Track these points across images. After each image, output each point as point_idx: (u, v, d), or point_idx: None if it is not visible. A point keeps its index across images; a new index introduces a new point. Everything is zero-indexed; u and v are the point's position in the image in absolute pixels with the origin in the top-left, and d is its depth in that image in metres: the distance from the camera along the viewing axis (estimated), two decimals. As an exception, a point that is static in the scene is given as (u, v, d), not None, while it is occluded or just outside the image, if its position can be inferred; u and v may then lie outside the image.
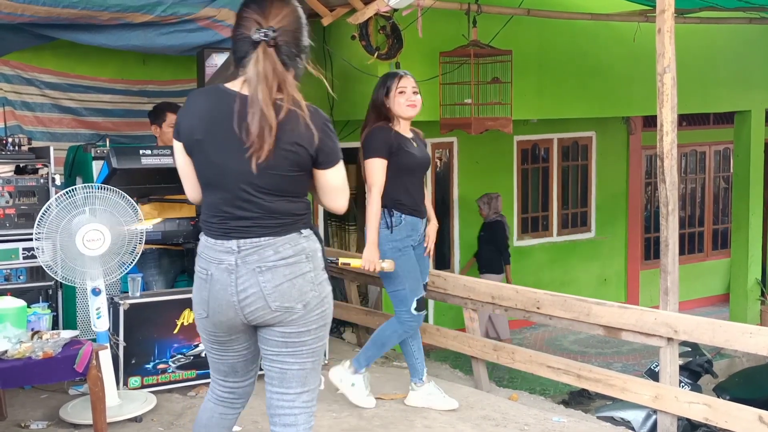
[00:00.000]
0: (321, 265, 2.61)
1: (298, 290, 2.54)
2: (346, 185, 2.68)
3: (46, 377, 3.78)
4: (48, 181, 4.84)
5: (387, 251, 4.30)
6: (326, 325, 2.63)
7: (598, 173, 10.43)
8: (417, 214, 4.38)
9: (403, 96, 4.34)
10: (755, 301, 9.99)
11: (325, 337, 2.65)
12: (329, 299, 2.63)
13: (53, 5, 5.08)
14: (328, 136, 2.57)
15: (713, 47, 9.03)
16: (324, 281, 2.62)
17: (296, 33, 2.57)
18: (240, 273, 2.52)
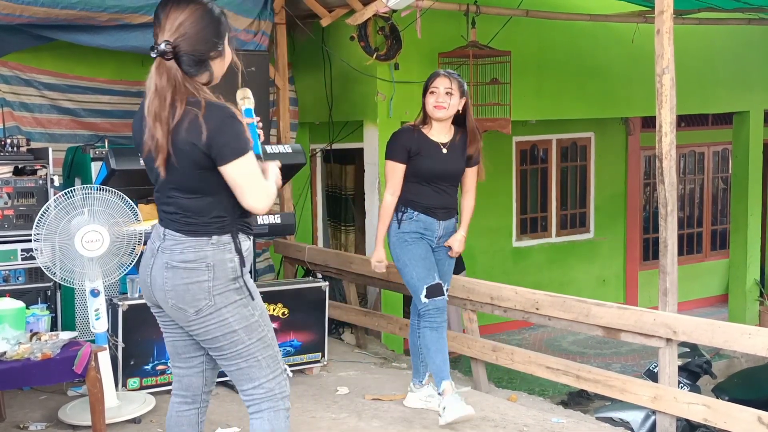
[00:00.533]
0: (228, 276, 2.63)
1: (192, 296, 2.62)
2: (253, 183, 2.57)
3: (45, 378, 3.78)
4: (47, 182, 4.84)
5: (394, 243, 4.29)
6: (233, 332, 2.66)
7: (597, 174, 10.43)
8: (432, 215, 4.28)
9: (432, 96, 4.23)
10: (754, 301, 9.99)
11: (248, 344, 2.68)
12: (231, 311, 2.64)
13: (52, 6, 5.08)
14: (222, 131, 2.52)
15: (712, 48, 9.04)
16: (227, 292, 2.63)
17: (199, 36, 2.58)
18: (156, 260, 2.67)
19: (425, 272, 4.23)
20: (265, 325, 2.72)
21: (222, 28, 2.64)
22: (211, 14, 2.60)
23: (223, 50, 2.66)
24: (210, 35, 2.59)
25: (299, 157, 5.39)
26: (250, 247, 2.77)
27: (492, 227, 9.41)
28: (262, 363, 2.72)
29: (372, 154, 6.80)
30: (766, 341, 3.80)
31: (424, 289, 4.21)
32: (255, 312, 2.69)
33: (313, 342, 5.11)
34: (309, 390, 4.85)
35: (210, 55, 2.61)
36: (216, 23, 2.61)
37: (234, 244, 2.65)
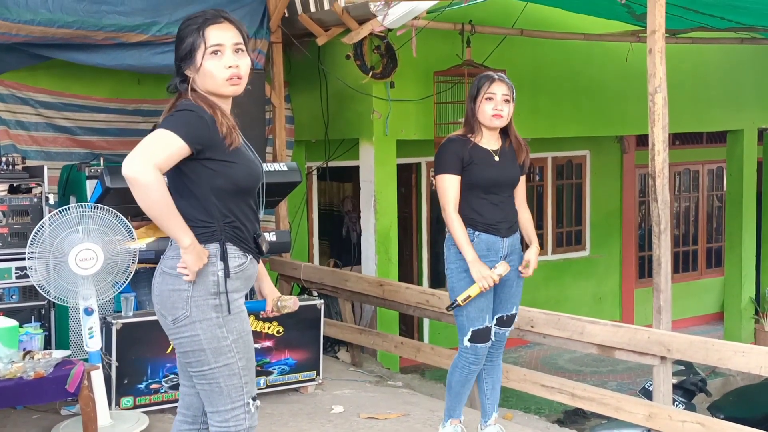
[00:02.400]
0: (208, 290, 2.57)
1: (172, 303, 2.60)
2: (140, 144, 2.54)
3: (38, 397, 3.77)
4: (41, 201, 4.84)
5: (453, 270, 3.88)
6: (201, 351, 2.58)
7: (592, 192, 10.45)
8: (495, 232, 3.89)
9: (490, 103, 3.86)
10: (749, 319, 9.99)
11: (212, 367, 2.59)
12: (203, 327, 2.57)
13: (48, 25, 5.11)
14: (164, 120, 2.56)
15: (705, 67, 9.09)
16: (204, 307, 2.56)
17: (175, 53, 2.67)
18: (157, 269, 2.69)
19: (477, 313, 3.86)
20: (237, 352, 2.60)
21: (180, 46, 2.65)
22: (181, 29, 2.66)
23: (183, 62, 2.65)
24: (179, 47, 2.67)
25: (295, 175, 5.41)
26: (246, 265, 2.64)
27: (487, 245, 9.40)
28: (223, 391, 2.62)
29: (368, 172, 6.82)
30: (760, 360, 3.80)
31: (470, 332, 3.87)
32: (229, 336, 2.59)
33: (308, 360, 5.10)
34: (304, 408, 4.83)
35: (179, 66, 2.67)
36: (180, 37, 2.66)
37: (220, 255, 2.57)
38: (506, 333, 4.09)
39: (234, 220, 2.61)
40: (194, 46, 2.60)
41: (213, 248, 2.58)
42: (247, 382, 2.64)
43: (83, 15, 5.24)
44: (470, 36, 6.84)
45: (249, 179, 2.65)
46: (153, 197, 2.46)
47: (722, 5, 6.34)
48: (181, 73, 2.66)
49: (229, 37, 2.60)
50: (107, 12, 5.34)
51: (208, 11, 2.66)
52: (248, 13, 6.08)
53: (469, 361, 3.92)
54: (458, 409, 4.08)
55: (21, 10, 4.97)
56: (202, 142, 2.54)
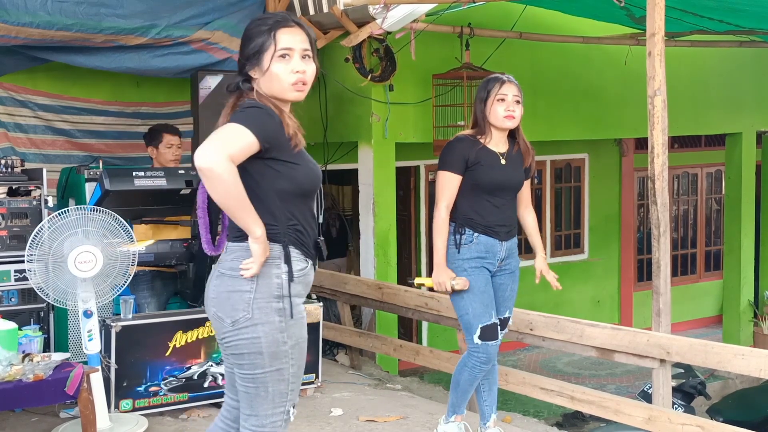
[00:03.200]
0: (272, 293, 2.52)
1: (231, 305, 2.54)
2: (213, 134, 2.48)
3: (37, 400, 3.77)
4: (40, 203, 4.83)
5: (454, 270, 3.88)
6: (258, 354, 2.52)
7: (590, 195, 10.46)
8: (494, 234, 3.89)
9: (502, 104, 3.91)
10: (748, 322, 9.99)
11: (265, 371, 2.53)
12: (265, 330, 2.52)
13: (47, 28, 5.12)
14: (234, 116, 2.52)
15: (704, 70, 9.10)
16: (267, 310, 2.52)
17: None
18: (212, 272, 2.66)
19: (482, 309, 3.87)
20: (292, 358, 2.56)
21: (248, 45, 2.60)
22: (244, 35, 2.64)
23: (260, 67, 2.58)
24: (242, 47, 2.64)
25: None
26: (306, 270, 2.61)
27: (486, 248, 9.41)
28: (268, 395, 2.56)
29: (367, 175, 6.82)
30: (760, 362, 3.80)
31: (478, 329, 3.86)
32: (288, 341, 2.55)
33: (307, 363, 5.04)
34: (303, 411, 4.82)
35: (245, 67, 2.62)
36: (243, 38, 2.64)
37: (284, 258, 2.53)
38: (501, 336, 4.08)
39: (296, 223, 2.58)
40: (263, 47, 2.57)
41: (276, 250, 2.53)
42: (293, 390, 2.61)
43: (82, 17, 5.24)
44: (469, 39, 6.84)
45: (310, 182, 2.62)
46: (227, 188, 2.40)
47: (721, 8, 6.35)
48: (244, 73, 2.62)
49: (298, 41, 2.59)
50: (106, 15, 5.34)
51: (278, 14, 2.67)
52: (247, 15, 6.08)
53: (480, 360, 3.90)
54: (462, 406, 4.08)
55: (20, 13, 4.97)
56: (271, 141, 2.49)
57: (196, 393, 4.65)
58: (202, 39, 5.80)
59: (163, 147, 5.23)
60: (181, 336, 4.59)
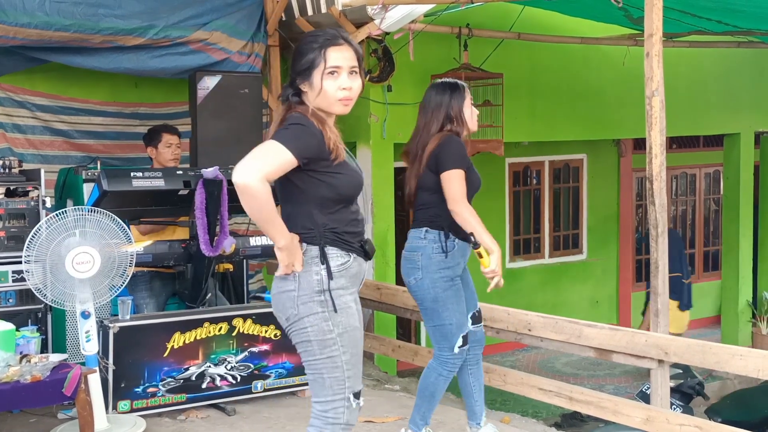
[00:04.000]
0: (313, 288, 2.73)
1: (282, 304, 2.79)
2: (253, 152, 2.67)
3: (35, 401, 3.76)
4: (38, 204, 4.83)
5: (437, 280, 3.85)
6: (308, 342, 2.76)
7: (589, 195, 10.46)
8: (467, 239, 3.88)
9: (470, 109, 3.97)
10: (746, 322, 10.00)
11: (317, 358, 2.76)
12: (311, 321, 2.74)
13: (45, 28, 5.11)
14: (276, 133, 2.74)
15: (702, 71, 9.11)
16: (311, 303, 2.74)
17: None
18: None
19: (463, 318, 3.92)
20: (342, 346, 2.75)
21: (300, 60, 2.76)
22: (297, 48, 2.80)
23: (309, 82, 2.75)
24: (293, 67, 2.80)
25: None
26: (348, 263, 2.79)
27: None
28: (326, 382, 2.78)
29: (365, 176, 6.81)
30: (758, 363, 3.80)
31: (460, 339, 3.90)
32: (334, 329, 2.74)
33: (306, 364, 5.08)
34: (301, 412, 4.82)
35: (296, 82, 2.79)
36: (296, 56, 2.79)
37: (321, 258, 2.74)
38: (482, 330, 4.17)
39: (336, 227, 2.77)
40: (314, 64, 2.74)
41: (314, 251, 2.75)
42: (350, 377, 2.79)
43: (80, 18, 5.23)
44: (467, 39, 6.85)
45: (352, 188, 2.81)
46: (259, 205, 2.61)
47: (719, 9, 6.35)
48: (295, 86, 2.80)
49: (347, 59, 2.76)
50: (104, 15, 5.34)
51: (328, 31, 2.80)
52: (245, 16, 6.09)
53: (456, 366, 3.97)
54: (431, 414, 4.11)
55: (18, 13, 4.97)
56: (310, 156, 2.69)
57: (194, 394, 4.65)
58: (200, 39, 5.79)
59: (162, 146, 5.23)
60: (180, 337, 4.58)
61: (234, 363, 4.74)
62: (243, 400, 4.80)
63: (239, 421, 4.63)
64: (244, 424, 4.57)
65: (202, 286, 4.87)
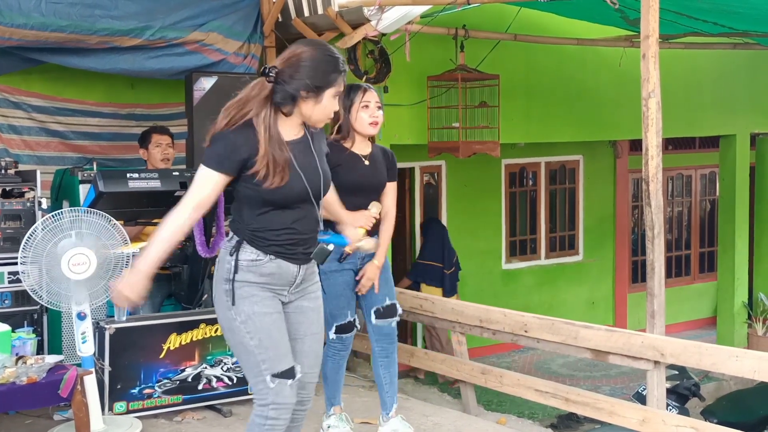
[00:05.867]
0: (222, 276, 2.91)
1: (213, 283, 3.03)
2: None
3: (31, 402, 3.76)
4: (34, 205, 4.82)
5: (323, 268, 3.87)
6: (223, 330, 2.96)
7: (585, 197, 10.47)
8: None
9: (366, 111, 4.09)
10: (742, 324, 10.01)
11: (232, 345, 2.95)
12: (219, 308, 2.93)
13: (41, 29, 5.10)
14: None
15: (698, 72, 9.12)
16: (219, 291, 2.92)
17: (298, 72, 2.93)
18: None
19: (339, 310, 4.16)
20: (248, 332, 2.87)
21: (320, 77, 2.85)
22: (316, 60, 2.87)
23: (317, 96, 2.86)
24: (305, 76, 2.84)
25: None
26: (259, 262, 2.88)
27: (481, 250, 9.42)
28: (245, 366, 2.95)
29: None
30: (754, 364, 3.81)
31: (333, 327, 4.17)
32: (237, 317, 2.88)
33: (302, 365, 5.08)
34: (297, 413, 4.81)
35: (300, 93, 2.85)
36: (311, 65, 2.86)
37: (233, 250, 2.89)
38: (391, 324, 4.26)
39: (259, 228, 2.88)
40: (332, 84, 2.96)
41: (233, 242, 2.92)
42: (265, 360, 2.87)
43: (76, 19, 5.22)
44: (464, 41, 6.85)
45: (280, 196, 2.87)
46: (165, 225, 2.85)
47: (715, 11, 6.36)
48: (297, 92, 2.89)
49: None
50: (100, 16, 5.33)
51: (340, 57, 3.01)
52: (242, 17, 6.08)
53: (337, 349, 4.23)
54: (338, 396, 4.35)
55: (14, 14, 4.96)
56: (237, 168, 2.86)
57: (190, 395, 4.64)
58: (196, 40, 5.79)
59: (152, 147, 5.25)
60: (176, 338, 4.58)
61: (230, 364, 4.74)
62: (239, 402, 4.80)
63: (235, 423, 4.62)
64: (240, 426, 4.56)
65: (198, 287, 4.86)
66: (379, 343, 4.26)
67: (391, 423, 4.33)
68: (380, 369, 4.29)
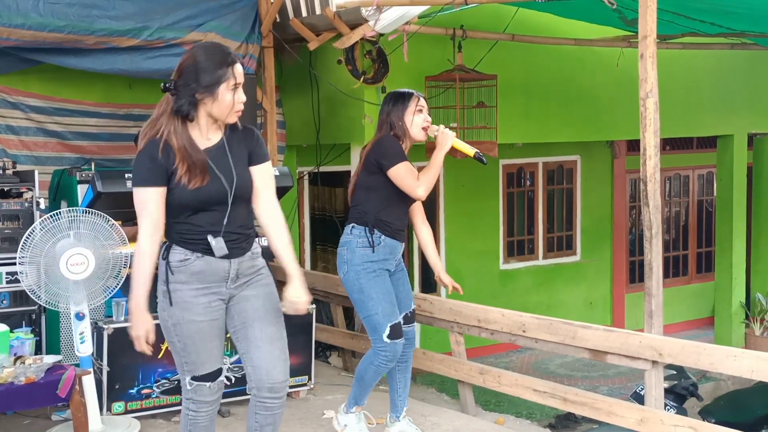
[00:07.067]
0: (161, 278, 3.05)
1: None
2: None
3: (29, 403, 3.76)
4: (32, 205, 4.83)
5: (361, 271, 4.05)
6: (161, 326, 3.09)
7: (583, 197, 10.47)
8: (398, 237, 4.13)
9: (420, 115, 4.15)
10: (740, 324, 10.02)
11: (167, 338, 3.11)
12: (159, 307, 3.08)
13: (39, 29, 5.10)
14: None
15: (696, 72, 9.12)
16: (159, 292, 3.07)
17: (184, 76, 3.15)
18: None
19: (390, 309, 4.05)
20: (177, 335, 3.05)
21: (197, 73, 2.99)
22: (199, 62, 3.00)
23: (212, 94, 2.99)
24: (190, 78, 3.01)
25: (286, 179, 5.41)
26: (188, 261, 3.01)
27: (479, 250, 9.42)
28: (176, 362, 3.16)
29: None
30: (752, 363, 3.82)
31: (387, 329, 4.03)
32: (169, 319, 3.05)
33: (300, 365, 5.09)
34: (296, 413, 4.82)
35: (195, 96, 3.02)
36: (197, 68, 3.01)
37: (166, 252, 3.04)
38: (413, 330, 4.29)
39: (182, 225, 3.01)
40: (222, 78, 3.06)
41: (164, 245, 3.05)
42: (187, 363, 3.09)
43: (74, 19, 5.23)
44: (461, 41, 6.85)
45: (192, 200, 3.00)
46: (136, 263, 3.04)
47: (713, 11, 6.37)
48: (194, 98, 3.13)
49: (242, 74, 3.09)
50: (98, 16, 5.33)
51: (224, 48, 3.10)
52: (240, 17, 6.09)
53: (387, 359, 4.08)
54: (364, 399, 4.32)
55: (12, 14, 4.96)
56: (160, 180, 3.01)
57: (188, 395, 4.64)
58: (194, 41, 5.78)
59: None
60: (174, 338, 4.57)
61: (228, 364, 4.74)
62: (237, 402, 4.80)
63: (234, 423, 4.62)
64: (238, 426, 4.57)
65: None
66: (404, 347, 4.19)
67: (399, 425, 4.33)
68: (397, 373, 4.27)
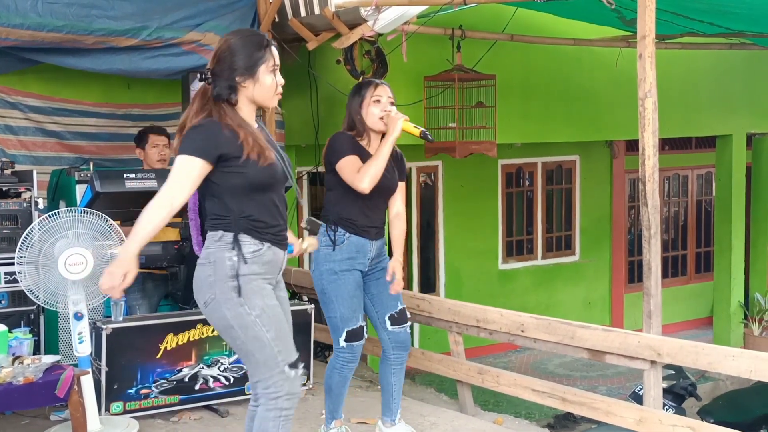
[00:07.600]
0: (226, 273, 2.87)
1: (199, 288, 2.94)
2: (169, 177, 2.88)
3: (27, 403, 3.75)
4: (31, 205, 4.82)
5: (323, 272, 3.91)
6: (231, 328, 2.89)
7: (582, 197, 10.48)
8: (366, 235, 3.93)
9: (378, 105, 3.91)
10: (738, 324, 10.03)
11: (244, 341, 2.90)
12: (228, 307, 2.87)
13: (38, 29, 5.10)
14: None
15: (695, 72, 9.13)
16: (226, 289, 2.87)
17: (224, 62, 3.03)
18: None
19: (351, 314, 3.95)
20: (264, 325, 2.88)
21: (235, 57, 2.93)
22: (236, 45, 2.95)
23: (253, 77, 2.94)
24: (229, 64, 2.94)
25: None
26: (262, 251, 2.91)
27: (478, 250, 9.43)
28: (259, 361, 2.91)
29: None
30: (751, 363, 3.82)
31: (344, 333, 3.96)
32: (252, 312, 2.87)
33: (299, 365, 5.08)
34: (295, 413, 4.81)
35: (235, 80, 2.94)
36: (233, 52, 2.94)
37: (233, 244, 2.87)
38: (406, 330, 4.20)
39: (250, 214, 2.90)
40: (261, 60, 2.99)
41: (229, 238, 2.89)
42: (281, 351, 2.92)
43: (73, 19, 5.22)
44: (460, 41, 6.85)
45: (267, 177, 2.91)
46: (151, 218, 2.85)
47: (712, 11, 6.37)
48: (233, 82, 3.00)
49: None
50: (97, 16, 5.33)
51: (259, 32, 3.09)
52: (239, 17, 6.08)
53: (346, 360, 4.03)
54: (339, 410, 4.20)
55: (10, 14, 4.96)
56: (218, 155, 2.88)
57: (187, 395, 4.64)
58: (193, 41, 5.79)
59: (149, 147, 5.27)
60: (172, 338, 4.58)
61: (227, 364, 4.74)
62: (236, 402, 4.80)
63: (232, 423, 4.62)
64: (237, 426, 4.57)
65: (195, 287, 4.86)
66: (395, 350, 4.17)
67: (396, 428, 4.27)
68: (391, 377, 4.20)
